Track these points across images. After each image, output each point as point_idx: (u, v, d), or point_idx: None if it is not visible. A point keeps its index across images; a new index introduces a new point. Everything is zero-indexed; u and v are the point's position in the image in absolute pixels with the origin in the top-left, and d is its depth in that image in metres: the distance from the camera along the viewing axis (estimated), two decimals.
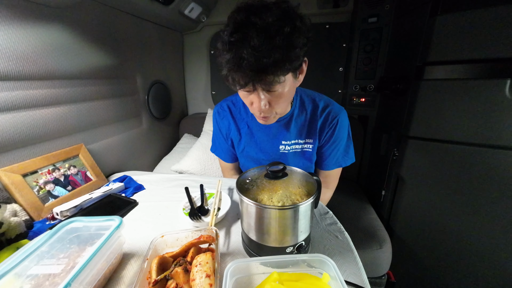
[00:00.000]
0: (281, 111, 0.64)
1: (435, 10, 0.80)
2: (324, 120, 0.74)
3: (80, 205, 0.71)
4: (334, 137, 0.75)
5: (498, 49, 0.73)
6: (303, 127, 0.76)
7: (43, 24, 0.73)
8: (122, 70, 1.09)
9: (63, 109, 0.82)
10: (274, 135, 0.77)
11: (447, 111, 0.84)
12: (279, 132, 0.76)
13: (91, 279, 0.40)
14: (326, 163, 0.79)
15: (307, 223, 0.48)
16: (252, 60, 0.48)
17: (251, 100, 0.60)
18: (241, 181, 0.51)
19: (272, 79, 0.51)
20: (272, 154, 0.79)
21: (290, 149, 0.77)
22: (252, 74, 0.50)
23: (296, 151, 0.78)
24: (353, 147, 0.81)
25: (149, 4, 1.04)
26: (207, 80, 1.63)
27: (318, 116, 0.74)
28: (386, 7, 1.14)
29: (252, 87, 0.54)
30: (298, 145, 0.77)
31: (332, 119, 0.73)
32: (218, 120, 0.84)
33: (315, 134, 0.75)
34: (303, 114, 0.75)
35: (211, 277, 0.39)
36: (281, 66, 0.50)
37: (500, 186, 0.81)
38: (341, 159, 0.79)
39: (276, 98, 0.58)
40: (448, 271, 0.98)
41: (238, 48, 0.48)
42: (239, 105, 0.81)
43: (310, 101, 0.76)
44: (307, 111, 0.75)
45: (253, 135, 0.79)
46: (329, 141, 0.76)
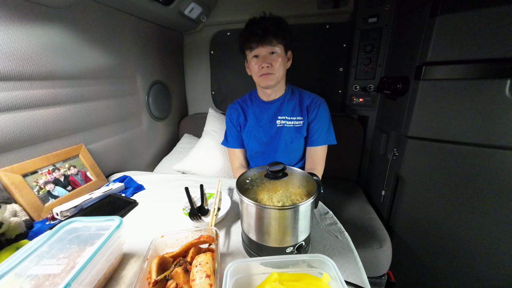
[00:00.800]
0: (278, 74, 0.89)
1: (435, 10, 0.80)
2: (310, 102, 0.98)
3: (80, 205, 0.71)
4: (318, 116, 0.97)
5: (498, 49, 0.73)
6: (294, 107, 1.00)
7: (43, 24, 0.73)
8: (122, 70, 1.09)
9: (63, 109, 0.82)
10: (273, 113, 1.01)
11: (447, 111, 0.84)
12: (276, 110, 1.00)
13: (91, 279, 0.40)
14: (314, 138, 0.98)
15: (307, 223, 0.48)
16: (261, 26, 0.84)
17: (258, 63, 0.88)
18: (241, 181, 0.51)
19: (271, 39, 0.85)
20: (270, 128, 1.01)
21: (284, 123, 0.99)
22: (261, 34, 0.84)
23: (290, 126, 0.98)
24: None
25: (149, 4, 1.04)
26: (207, 80, 1.63)
27: (305, 99, 0.99)
28: (386, 7, 1.14)
29: (261, 44, 0.85)
30: (291, 121, 0.98)
31: (315, 102, 0.98)
32: (231, 113, 1.08)
33: (305, 113, 0.98)
34: (293, 99, 1.01)
35: (211, 277, 0.39)
36: (277, 34, 0.85)
37: (500, 186, 0.81)
38: (325, 136, 0.98)
39: (275, 60, 0.87)
40: (448, 271, 0.98)
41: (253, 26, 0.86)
42: (247, 100, 1.08)
43: (298, 92, 1.03)
44: (296, 97, 1.01)
45: (256, 117, 1.04)
46: (315, 119, 0.97)
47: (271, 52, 0.86)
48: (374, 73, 1.25)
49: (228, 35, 1.48)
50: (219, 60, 1.55)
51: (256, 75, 0.91)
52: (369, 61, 1.24)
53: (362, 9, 1.20)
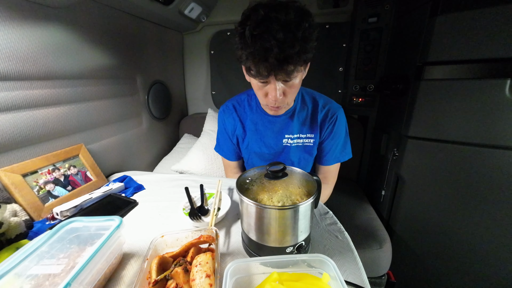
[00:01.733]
0: (291, 101, 0.70)
1: (435, 10, 0.80)
2: (324, 116, 0.79)
3: (80, 205, 0.71)
4: (334, 133, 0.79)
5: (498, 49, 0.73)
6: (305, 121, 0.80)
7: (43, 24, 0.73)
8: (122, 70, 1.09)
9: (63, 109, 0.82)
10: (278, 129, 0.81)
11: (447, 111, 0.84)
12: (283, 126, 0.81)
13: (91, 279, 0.40)
14: (326, 158, 0.83)
15: (307, 223, 0.48)
16: (277, 51, 0.53)
17: (267, 91, 0.64)
18: (241, 181, 0.51)
19: (292, 68, 0.57)
20: (275, 147, 0.83)
21: (292, 143, 0.81)
22: (276, 64, 0.55)
23: (298, 145, 0.81)
24: (350, 144, 0.85)
25: (149, 4, 1.04)
26: (207, 80, 1.63)
27: (319, 112, 0.79)
28: (386, 7, 1.14)
29: (274, 77, 0.59)
30: (300, 139, 0.81)
31: (332, 115, 0.78)
32: (224, 119, 0.88)
33: (317, 129, 0.79)
34: (304, 110, 0.80)
35: (211, 277, 0.39)
36: (301, 57, 0.56)
37: (500, 186, 0.81)
38: (339, 154, 0.83)
39: (290, 88, 0.64)
40: (448, 271, 0.98)
41: (263, 41, 0.53)
42: (244, 104, 0.86)
43: (310, 98, 0.82)
44: (308, 107, 0.80)
45: (258, 130, 0.84)
46: (329, 137, 0.80)
47: (287, 80, 0.61)
48: (374, 73, 1.25)
49: (228, 35, 1.48)
50: (219, 60, 1.55)
51: (260, 100, 0.71)
52: (369, 61, 1.24)
53: (362, 9, 1.20)
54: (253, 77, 0.63)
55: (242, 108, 0.86)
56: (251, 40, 0.54)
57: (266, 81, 0.62)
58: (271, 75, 0.59)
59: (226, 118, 0.87)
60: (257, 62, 0.56)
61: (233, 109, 0.86)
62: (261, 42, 0.53)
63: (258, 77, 0.61)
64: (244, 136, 0.86)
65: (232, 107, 0.86)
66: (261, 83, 0.63)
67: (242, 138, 0.87)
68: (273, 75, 0.58)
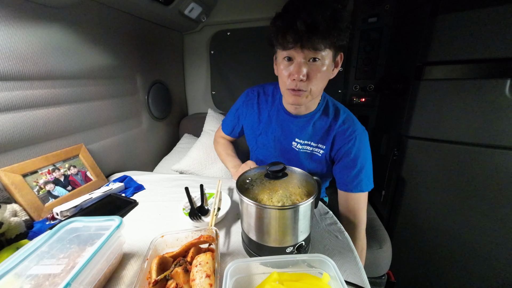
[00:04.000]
0: (315, 91, 0.66)
1: (435, 10, 0.80)
2: (341, 132, 0.72)
3: (80, 205, 0.71)
4: (354, 154, 0.71)
5: (498, 49, 0.73)
6: (319, 132, 0.76)
7: (43, 24, 0.73)
8: (122, 70, 1.09)
9: (63, 109, 0.82)
10: (290, 130, 0.79)
11: (447, 111, 0.84)
12: (296, 130, 0.78)
13: (91, 279, 0.40)
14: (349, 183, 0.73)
15: (307, 223, 0.48)
16: (308, 19, 0.54)
17: (291, 70, 0.63)
18: (241, 181, 0.51)
19: (319, 42, 0.56)
20: (284, 146, 0.82)
21: (301, 148, 0.79)
22: (303, 30, 0.55)
23: (306, 151, 0.79)
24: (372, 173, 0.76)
25: (149, 4, 1.04)
26: (207, 80, 1.63)
27: (337, 126, 0.73)
28: (386, 7, 1.14)
29: (300, 48, 0.58)
30: (309, 147, 0.78)
31: (350, 134, 0.71)
32: (243, 101, 0.90)
33: (328, 142, 0.74)
34: (323, 120, 0.76)
35: (211, 277, 0.39)
36: (329, 32, 0.56)
37: (500, 186, 0.81)
38: (364, 182, 0.72)
39: (314, 72, 0.62)
40: (448, 271, 0.98)
41: (295, 9, 0.56)
42: (268, 94, 0.85)
43: (333, 110, 0.76)
44: (329, 119, 0.75)
45: (271, 124, 0.83)
46: (348, 157, 0.72)
47: (313, 58, 0.60)
48: (374, 73, 1.25)
49: (228, 35, 1.48)
50: (219, 60, 1.55)
51: (283, 85, 0.67)
52: (369, 61, 1.24)
53: (362, 9, 1.20)
54: (280, 48, 0.63)
55: (265, 98, 0.85)
56: (282, 9, 0.60)
57: (291, 59, 0.62)
58: (297, 46, 0.58)
59: (246, 102, 0.89)
60: (285, 28, 0.57)
61: (256, 95, 0.87)
62: (293, 11, 0.56)
63: (284, 47, 0.60)
64: (258, 124, 0.86)
65: (256, 93, 0.87)
66: (286, 61, 0.63)
67: (256, 125, 0.87)
68: (300, 46, 0.58)
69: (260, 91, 0.87)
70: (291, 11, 0.57)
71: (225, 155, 0.99)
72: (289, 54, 0.61)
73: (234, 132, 0.99)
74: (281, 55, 0.64)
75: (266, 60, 1.48)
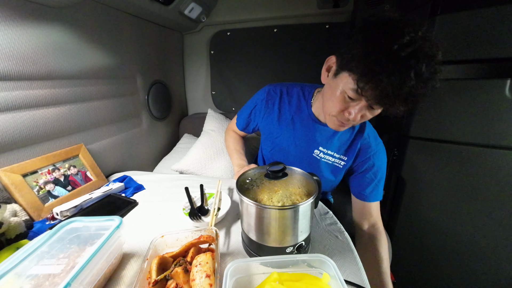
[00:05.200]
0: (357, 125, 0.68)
1: (435, 10, 0.80)
2: (366, 144, 0.74)
3: (80, 205, 0.71)
4: (376, 168, 0.74)
5: (498, 49, 0.73)
6: (345, 143, 0.76)
7: (43, 24, 0.73)
8: (122, 70, 1.09)
9: (63, 109, 0.82)
10: (314, 138, 0.77)
11: (447, 111, 0.84)
12: (321, 139, 0.76)
13: (91, 279, 0.40)
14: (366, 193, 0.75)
15: (307, 223, 0.48)
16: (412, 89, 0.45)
17: (349, 109, 0.58)
18: (241, 181, 0.51)
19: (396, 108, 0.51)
20: (304, 153, 0.79)
21: (323, 157, 0.77)
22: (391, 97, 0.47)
23: (328, 162, 0.77)
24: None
25: (149, 4, 1.04)
26: (207, 80, 1.63)
27: (362, 138, 0.74)
28: (386, 7, 1.14)
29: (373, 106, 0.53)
30: (332, 157, 0.77)
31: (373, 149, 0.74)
32: (262, 98, 0.85)
33: (352, 154, 0.75)
34: (349, 132, 0.75)
35: (211, 277, 0.39)
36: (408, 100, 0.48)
37: (500, 186, 0.81)
38: (380, 192, 0.76)
39: (369, 115, 0.59)
40: (448, 271, 0.98)
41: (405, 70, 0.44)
42: (293, 96, 0.81)
43: (359, 124, 0.74)
44: (354, 130, 0.75)
45: (295, 128, 0.79)
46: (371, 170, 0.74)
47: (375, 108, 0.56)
48: None
49: (228, 35, 1.48)
50: (219, 60, 1.55)
51: (331, 111, 0.63)
52: None
53: (362, 9, 1.20)
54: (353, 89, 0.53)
55: (287, 100, 0.81)
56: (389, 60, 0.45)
57: (354, 99, 0.55)
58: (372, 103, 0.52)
59: (266, 100, 0.84)
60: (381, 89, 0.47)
61: (279, 95, 0.82)
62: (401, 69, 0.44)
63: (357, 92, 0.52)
64: (277, 125, 0.82)
65: (279, 93, 0.83)
66: (350, 98, 0.56)
67: (273, 126, 0.83)
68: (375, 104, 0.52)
69: (283, 91, 0.83)
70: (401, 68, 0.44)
71: (233, 149, 0.98)
72: (357, 98, 0.55)
73: (248, 128, 0.96)
74: (348, 87, 0.55)
75: (266, 60, 1.49)
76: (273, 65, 1.48)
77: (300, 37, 1.36)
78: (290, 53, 1.41)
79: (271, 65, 1.48)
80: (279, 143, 0.84)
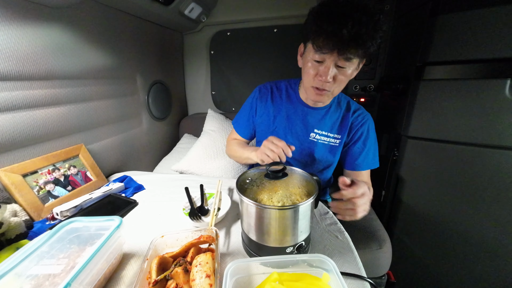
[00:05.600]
0: (335, 92, 0.72)
1: (435, 10, 0.80)
2: (354, 119, 0.82)
3: (80, 205, 0.71)
4: (364, 137, 0.81)
5: (498, 49, 0.73)
6: (335, 122, 0.83)
7: (43, 24, 0.73)
8: (122, 70, 1.09)
9: (63, 109, 0.82)
10: (309, 122, 0.84)
11: (447, 111, 0.84)
12: (314, 121, 0.83)
13: (91, 279, 0.40)
14: (358, 162, 0.82)
15: (307, 223, 0.48)
16: (352, 30, 0.55)
17: (319, 71, 0.66)
18: (241, 181, 0.51)
19: (354, 52, 0.59)
20: (301, 138, 0.85)
21: (319, 139, 0.83)
22: (346, 40, 0.57)
23: (324, 143, 0.84)
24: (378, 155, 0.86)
25: (149, 4, 1.04)
26: (207, 80, 1.63)
27: (350, 115, 0.82)
28: (386, 7, 1.14)
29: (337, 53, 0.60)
30: (327, 137, 0.83)
31: (362, 119, 0.82)
32: (256, 97, 0.91)
33: (345, 131, 0.82)
34: (337, 111, 0.84)
35: (211, 277, 0.39)
36: (366, 43, 0.58)
37: (500, 186, 0.81)
38: (372, 160, 0.82)
39: (341, 76, 0.66)
40: (448, 271, 0.98)
41: (343, 17, 0.56)
42: (282, 90, 0.88)
43: (345, 102, 0.85)
44: (342, 109, 0.84)
45: (289, 118, 0.85)
46: (359, 140, 0.81)
47: (342, 66, 0.63)
48: (374, 73, 1.25)
49: (228, 35, 1.48)
50: (219, 60, 1.55)
51: (308, 82, 0.71)
52: (369, 61, 1.24)
53: None
54: (313, 48, 0.63)
55: (278, 95, 0.88)
56: (326, 12, 0.59)
57: (322, 61, 0.64)
58: (333, 53, 0.60)
59: (258, 100, 0.90)
60: (328, 34, 0.58)
61: (270, 91, 0.89)
62: (335, 19, 0.56)
63: (321, 52, 0.62)
64: (273, 120, 0.87)
65: (269, 89, 0.89)
66: (316, 62, 0.65)
67: (270, 122, 0.87)
68: (336, 52, 0.60)
69: (273, 86, 0.90)
70: (338, 15, 0.57)
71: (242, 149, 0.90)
72: (321, 58, 0.64)
73: (253, 132, 0.95)
74: (312, 54, 0.65)
75: (266, 60, 1.49)
76: (273, 65, 1.48)
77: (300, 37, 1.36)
78: (290, 53, 1.41)
79: (271, 65, 1.48)
80: (276, 135, 0.86)
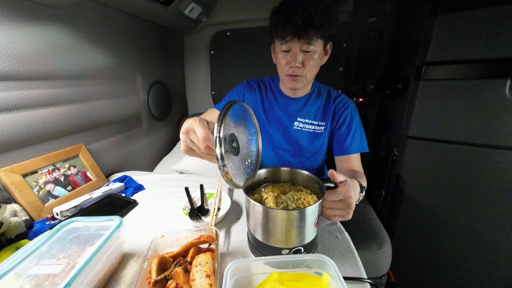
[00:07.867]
0: (309, 76, 0.76)
1: (435, 10, 0.80)
2: (336, 105, 0.85)
3: (80, 205, 0.71)
4: (348, 120, 0.83)
5: (498, 49, 0.73)
6: (318, 110, 0.87)
7: (43, 24, 0.73)
8: (122, 70, 1.09)
9: (63, 109, 0.82)
10: (291, 111, 0.88)
11: (447, 111, 0.84)
12: (296, 110, 0.87)
13: (91, 279, 0.40)
14: (345, 146, 0.83)
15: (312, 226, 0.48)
16: (304, 14, 0.63)
17: (288, 59, 0.72)
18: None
19: (313, 34, 0.66)
20: (286, 128, 0.88)
21: (303, 127, 0.87)
22: (300, 24, 0.64)
23: (309, 131, 0.86)
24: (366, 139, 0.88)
25: (149, 4, 1.04)
26: (207, 80, 1.63)
27: (332, 102, 0.86)
28: (386, 7, 1.14)
29: (297, 38, 0.67)
30: (311, 126, 0.86)
31: (343, 104, 0.85)
32: (244, 88, 0.94)
33: (329, 118, 0.85)
34: (319, 99, 0.87)
35: (211, 277, 0.39)
36: (321, 25, 0.65)
37: (500, 186, 0.81)
38: (359, 142, 0.84)
39: (308, 60, 0.71)
40: (448, 271, 0.98)
41: (293, 5, 0.65)
42: (266, 84, 0.94)
43: (325, 91, 0.90)
44: (323, 97, 0.88)
45: (273, 110, 0.90)
46: (344, 123, 0.84)
47: (307, 48, 0.69)
48: (374, 73, 1.25)
49: (228, 35, 1.48)
50: (219, 60, 1.55)
51: (282, 72, 0.77)
52: (369, 61, 1.24)
53: (362, 9, 1.20)
54: (279, 40, 0.71)
55: (264, 87, 0.93)
56: (280, 7, 0.69)
57: (289, 50, 0.71)
58: (295, 38, 0.67)
59: (247, 90, 0.93)
60: (285, 22, 0.66)
61: (256, 85, 0.93)
62: (290, 8, 0.65)
63: (283, 39, 0.69)
64: (258, 110, 0.91)
65: (256, 82, 0.94)
66: (284, 52, 0.72)
67: (255, 111, 0.91)
68: (297, 37, 0.67)
69: (259, 81, 0.95)
70: (289, 6, 0.66)
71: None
72: (287, 47, 0.71)
73: None
74: (279, 46, 0.73)
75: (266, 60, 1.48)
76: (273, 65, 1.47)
77: None
78: None
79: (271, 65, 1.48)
80: (262, 124, 0.92)
